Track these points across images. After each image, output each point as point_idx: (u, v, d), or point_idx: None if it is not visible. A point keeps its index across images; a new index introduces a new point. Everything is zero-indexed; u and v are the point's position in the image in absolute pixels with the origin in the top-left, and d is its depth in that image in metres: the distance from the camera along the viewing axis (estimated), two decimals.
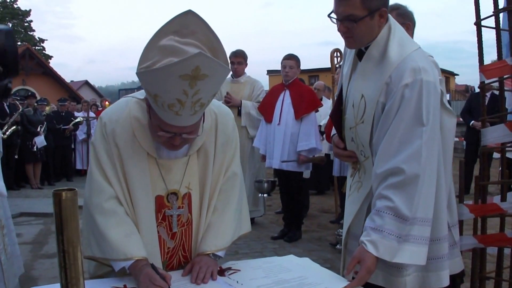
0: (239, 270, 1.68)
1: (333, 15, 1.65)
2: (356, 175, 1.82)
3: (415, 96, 1.54)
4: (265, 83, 5.44)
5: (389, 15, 1.68)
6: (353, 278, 1.51)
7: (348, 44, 1.73)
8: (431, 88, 1.56)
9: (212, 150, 1.68)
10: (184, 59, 1.26)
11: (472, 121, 7.21)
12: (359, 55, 1.74)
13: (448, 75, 34.14)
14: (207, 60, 1.29)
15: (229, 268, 1.69)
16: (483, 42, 1.96)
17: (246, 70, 5.69)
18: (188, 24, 1.35)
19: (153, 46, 1.34)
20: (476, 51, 2.01)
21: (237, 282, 1.56)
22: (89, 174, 1.62)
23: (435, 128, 1.57)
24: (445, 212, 1.69)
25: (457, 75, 36.26)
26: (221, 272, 1.65)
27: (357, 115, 1.71)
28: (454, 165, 1.94)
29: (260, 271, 1.68)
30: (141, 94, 1.61)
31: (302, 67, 5.34)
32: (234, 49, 5.60)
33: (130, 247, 1.51)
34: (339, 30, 1.66)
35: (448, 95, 16.75)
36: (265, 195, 5.34)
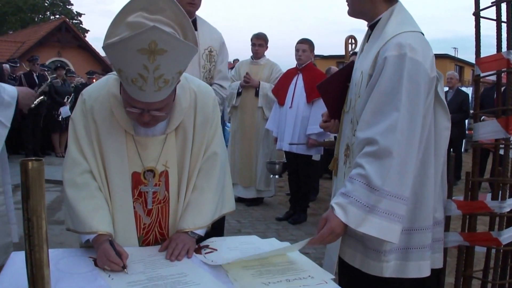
0: (215, 250, 1.69)
1: None
2: (347, 162, 1.79)
3: (397, 70, 1.49)
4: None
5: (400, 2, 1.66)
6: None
7: (348, 11, 1.75)
8: (416, 67, 1.49)
9: (191, 129, 1.68)
10: (139, 32, 1.26)
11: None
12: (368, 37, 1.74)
13: (472, 67, 33.07)
14: (163, 34, 1.28)
15: (206, 246, 1.71)
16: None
17: (266, 53, 5.73)
18: (156, 1, 1.34)
19: (121, 22, 1.34)
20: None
21: (212, 261, 1.58)
22: (67, 150, 1.65)
23: (415, 106, 1.50)
24: (431, 202, 1.62)
25: None
26: (198, 250, 1.67)
27: (357, 92, 1.70)
28: None
29: (237, 252, 1.69)
30: None
31: (331, 53, 5.34)
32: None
33: (95, 221, 1.54)
34: None
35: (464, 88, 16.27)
36: (276, 176, 5.35)
